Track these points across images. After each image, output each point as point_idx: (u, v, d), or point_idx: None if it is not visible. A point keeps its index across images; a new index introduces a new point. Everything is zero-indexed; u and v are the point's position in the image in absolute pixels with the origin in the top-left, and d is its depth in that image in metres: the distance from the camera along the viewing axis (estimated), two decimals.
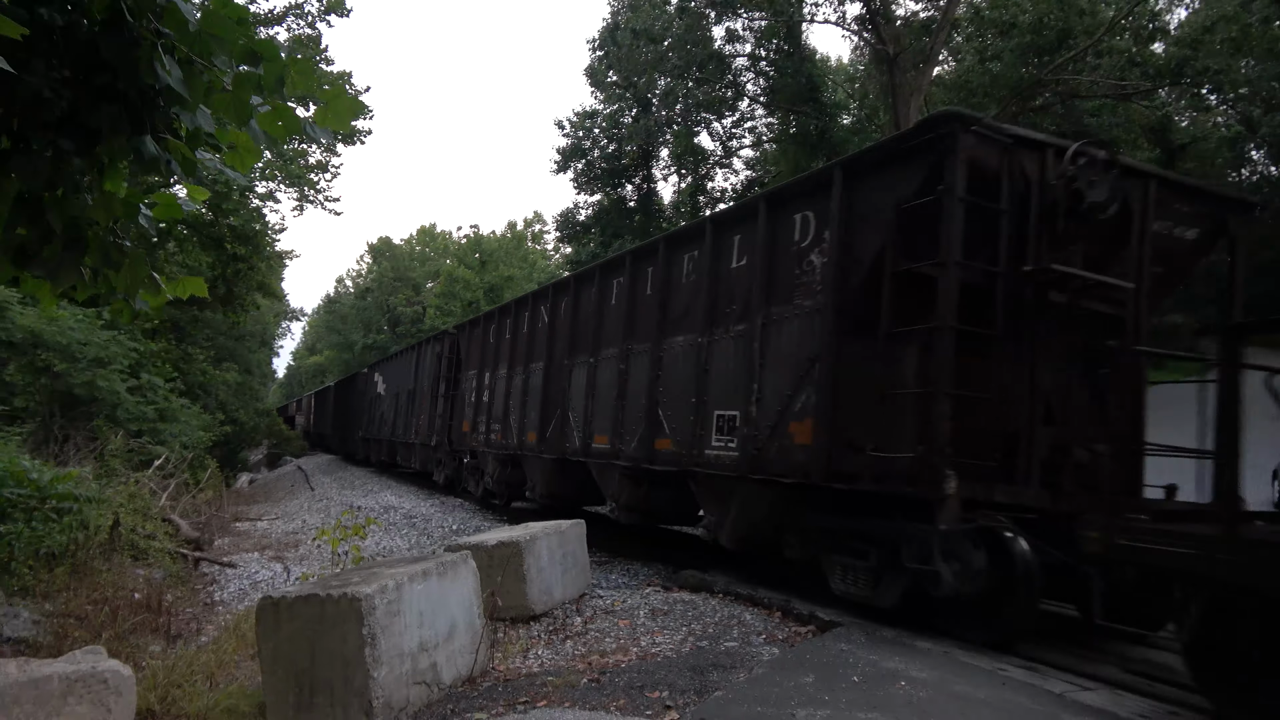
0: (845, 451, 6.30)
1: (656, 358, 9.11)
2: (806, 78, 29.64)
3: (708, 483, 8.03)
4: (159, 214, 4.29)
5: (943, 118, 5.98)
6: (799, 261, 7.14)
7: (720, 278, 8.24)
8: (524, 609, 6.50)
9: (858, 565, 6.28)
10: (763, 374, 7.31)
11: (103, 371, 15.85)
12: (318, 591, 4.33)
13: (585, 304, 11.27)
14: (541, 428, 12.00)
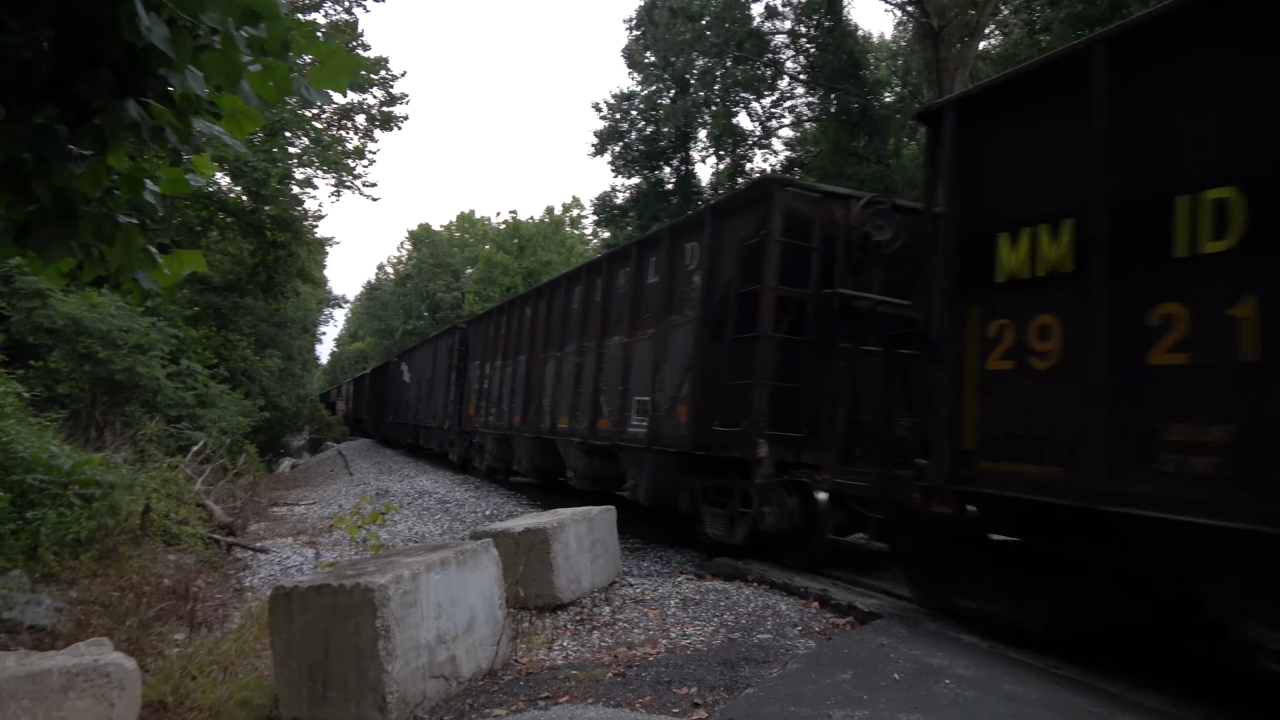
0: (706, 428, 8.24)
1: (600, 354, 11.10)
2: (848, 54, 28.98)
3: (629, 453, 10.08)
4: (166, 189, 4.13)
5: (765, 180, 8.67)
6: (688, 281, 9.10)
7: (641, 290, 10.19)
8: (551, 598, 6.31)
9: (719, 513, 8.33)
10: (663, 368, 9.27)
11: (142, 358, 15.99)
12: (330, 582, 4.16)
13: (556, 307, 13.21)
14: (524, 411, 14.01)
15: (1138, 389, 4.18)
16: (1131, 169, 4.34)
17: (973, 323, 5.20)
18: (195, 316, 23.80)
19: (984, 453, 5.04)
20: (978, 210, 5.30)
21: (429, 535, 11.44)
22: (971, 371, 5.17)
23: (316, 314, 64.17)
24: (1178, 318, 4.04)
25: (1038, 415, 4.72)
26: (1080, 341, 4.49)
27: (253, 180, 21.73)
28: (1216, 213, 3.93)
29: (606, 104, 35.83)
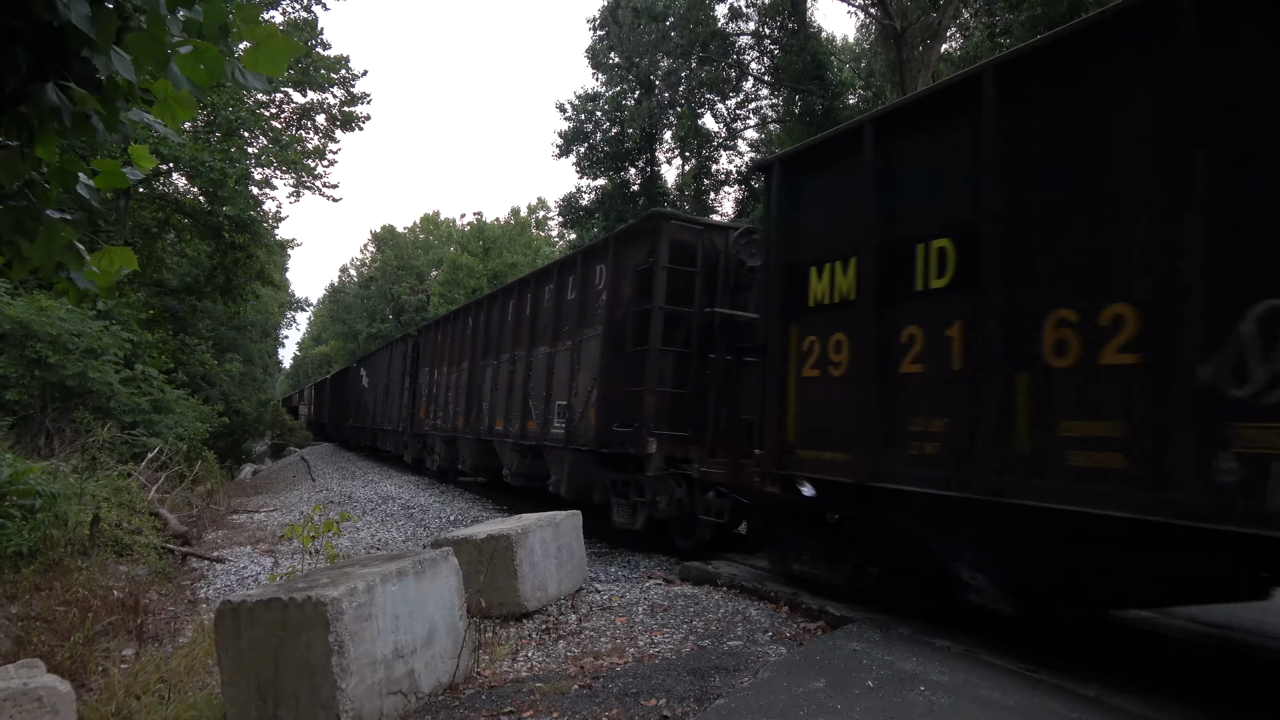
0: (609, 428, 9.42)
1: (529, 362, 12.19)
2: (812, 56, 29.06)
3: (552, 452, 11.19)
4: (102, 183, 3.89)
5: (655, 214, 9.32)
6: (597, 299, 10.17)
7: (562, 306, 11.28)
8: (516, 606, 6.13)
9: (623, 503, 9.43)
10: (578, 376, 10.43)
11: (94, 363, 15.54)
12: (280, 595, 3.95)
13: (494, 318, 14.27)
14: (467, 414, 15.14)
15: (893, 391, 5.39)
16: (889, 222, 5.57)
17: (794, 338, 6.45)
18: (151, 320, 23.22)
19: (800, 443, 6.29)
20: (797, 247, 6.54)
21: (392, 542, 11.19)
22: (792, 378, 6.43)
23: (278, 317, 63.22)
24: (918, 337, 5.27)
25: (834, 413, 5.96)
26: (859, 354, 5.72)
27: (209, 180, 21.23)
28: (939, 258, 5.15)
29: (571, 104, 35.66)
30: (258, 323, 43.39)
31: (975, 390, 4.77)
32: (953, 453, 4.90)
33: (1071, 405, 4.28)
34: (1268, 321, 3.50)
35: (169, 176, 25.09)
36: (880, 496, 5.49)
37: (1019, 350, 4.57)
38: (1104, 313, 4.17)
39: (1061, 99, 4.54)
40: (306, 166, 25.50)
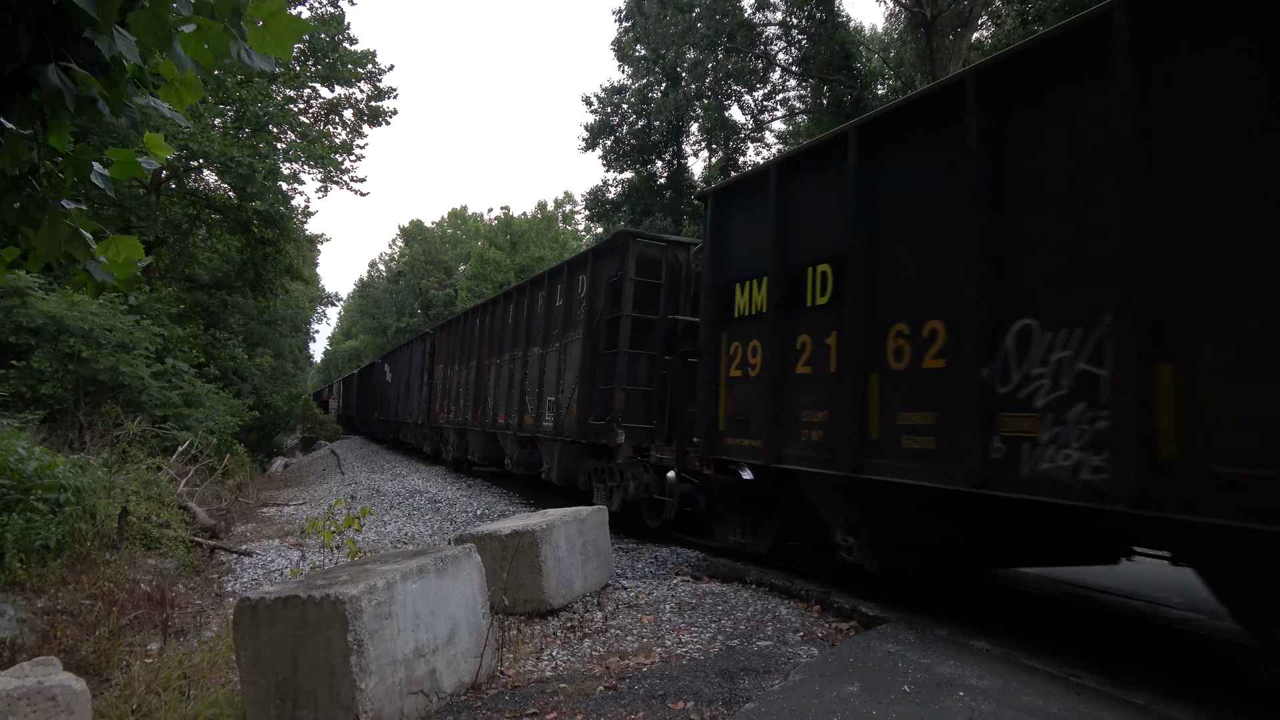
0: (587, 421, 10.59)
1: (525, 361, 13.46)
2: (840, 45, 28.66)
3: (544, 442, 12.39)
4: (117, 173, 3.80)
5: (623, 233, 10.43)
6: (580, 306, 11.35)
7: (552, 311, 12.48)
8: (540, 603, 6.03)
9: (601, 487, 10.62)
10: (564, 375, 11.61)
11: (126, 357, 15.66)
12: (299, 593, 3.87)
13: (498, 320, 15.52)
14: (476, 408, 16.39)
15: (790, 389, 6.59)
16: (789, 248, 6.78)
17: (723, 344, 7.67)
18: (182, 314, 23.42)
19: (728, 432, 7.50)
20: (726, 266, 7.76)
21: (419, 536, 11.15)
22: (722, 377, 7.63)
23: (309, 312, 63.75)
24: (808, 344, 6.45)
25: (752, 406, 7.09)
26: (768, 358, 6.88)
27: (237, 176, 21.34)
28: (823, 279, 6.35)
29: (597, 97, 35.48)
30: (288, 317, 43.75)
31: (844, 387, 5.91)
32: (830, 438, 6.05)
33: (905, 399, 5.42)
34: (1021, 336, 4.63)
35: (199, 173, 25.36)
36: (790, 476, 6.67)
37: (872, 355, 5.72)
38: (926, 327, 5.32)
39: (892, 161, 5.75)
40: (334, 161, 25.59)
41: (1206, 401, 3.69)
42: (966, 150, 5.00)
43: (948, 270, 5.12)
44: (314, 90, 26.90)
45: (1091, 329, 4.23)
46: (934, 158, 5.36)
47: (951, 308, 5.06)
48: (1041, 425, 4.43)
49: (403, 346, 29.26)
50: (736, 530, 7.74)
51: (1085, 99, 4.40)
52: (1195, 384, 3.74)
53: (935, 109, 5.41)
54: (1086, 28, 4.39)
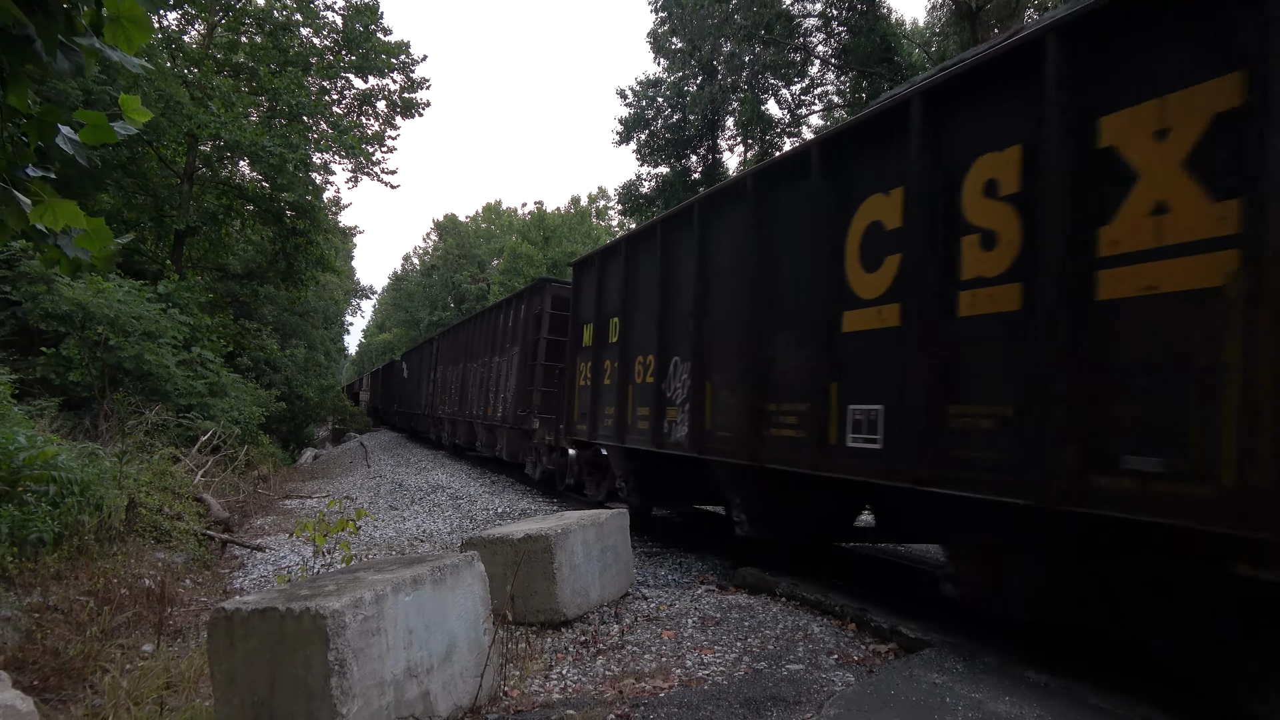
0: (518, 413, 14.47)
1: (490, 366, 17.40)
2: (881, 37, 27.96)
3: (497, 429, 16.46)
4: (88, 137, 3.43)
5: (542, 280, 14.48)
6: (521, 327, 15.19)
7: (506, 329, 16.48)
8: (553, 613, 5.62)
9: (530, 460, 14.55)
10: (509, 378, 15.52)
11: (151, 345, 15.53)
12: (277, 605, 3.48)
13: (476, 331, 19.56)
14: (460, 402, 20.49)
15: (600, 395, 10.06)
16: (601, 304, 10.30)
17: (577, 363, 11.09)
18: (212, 303, 23.38)
19: (577, 422, 10.92)
20: (579, 313, 11.26)
21: (437, 533, 10.81)
22: (575, 385, 11.12)
23: (344, 305, 64.03)
24: (607, 366, 9.89)
25: (585, 405, 10.52)
26: (591, 374, 10.29)
27: (269, 166, 21.20)
28: (614, 327, 9.71)
29: (632, 90, 35.03)
30: (320, 309, 43.83)
31: (619, 394, 9.44)
32: (615, 425, 9.48)
33: (639, 401, 8.94)
34: (675, 366, 8.09)
35: (234, 163, 25.33)
36: (609, 448, 10.10)
37: (628, 375, 9.29)
38: (647, 358, 8.82)
39: (637, 257, 9.41)
40: (365, 152, 25.39)
41: (717, 402, 7.30)
42: (656, 258, 8.68)
43: (653, 327, 8.61)
44: (347, 80, 26.75)
45: (690, 363, 7.75)
46: (649, 258, 8.97)
47: (654, 348, 8.57)
48: (679, 413, 7.95)
49: (417, 347, 33.47)
50: (592, 486, 11.73)
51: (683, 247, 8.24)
52: (715, 393, 7.35)
53: (649, 233, 9.09)
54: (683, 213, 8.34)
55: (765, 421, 6.48)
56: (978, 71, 4.74)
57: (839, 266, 5.74)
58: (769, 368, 6.49)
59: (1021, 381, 4.23)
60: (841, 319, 5.68)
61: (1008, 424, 4.30)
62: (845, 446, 5.50)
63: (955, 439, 4.61)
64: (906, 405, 4.96)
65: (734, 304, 7.10)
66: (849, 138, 5.83)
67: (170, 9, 23.54)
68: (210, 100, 21.79)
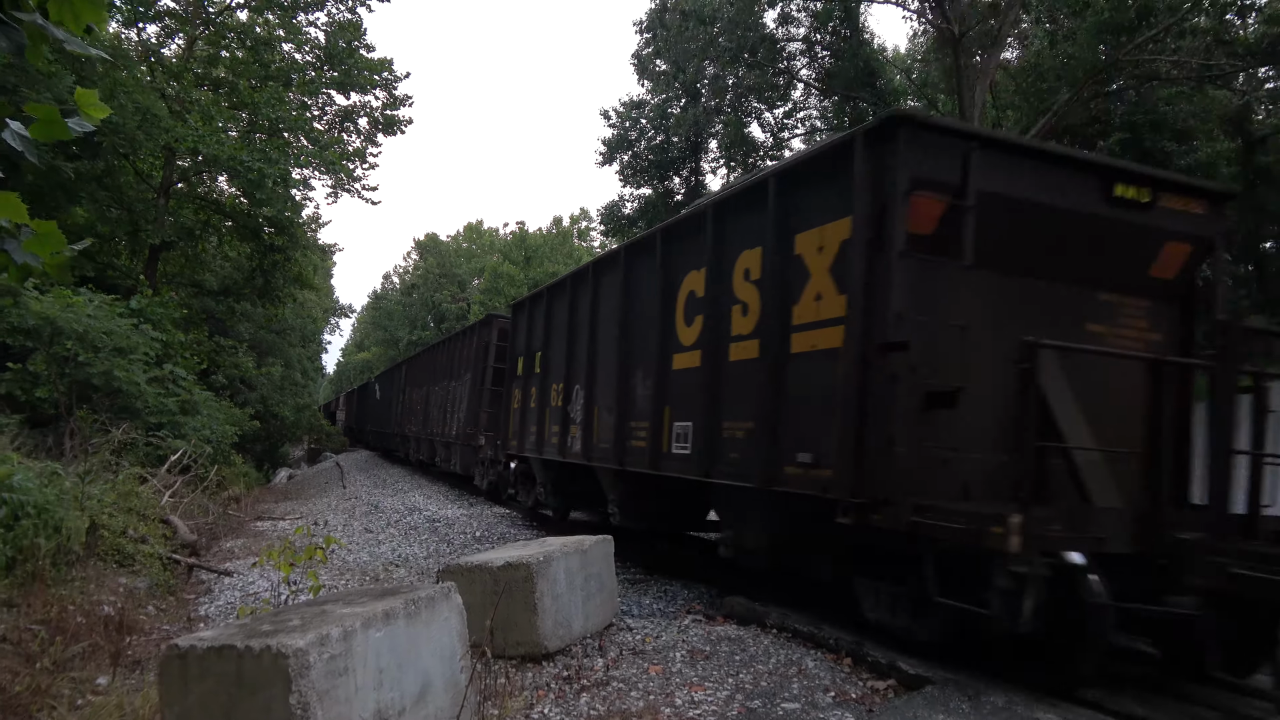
0: (468, 430, 16.84)
1: (447, 389, 19.71)
2: (864, 62, 28.11)
3: (452, 444, 18.54)
4: (39, 133, 3.17)
5: (490, 316, 17.13)
6: (474, 355, 17.10)
7: (463, 354, 18.29)
8: (534, 646, 5.34)
9: (480, 471, 16.42)
10: (462, 401, 17.67)
11: (121, 361, 15.11)
12: (235, 643, 3.20)
13: (438, 357, 21.88)
14: (424, 422, 22.83)
15: (528, 416, 12.32)
16: (531, 340, 12.51)
17: (514, 389, 13.35)
18: (186, 320, 22.94)
19: (511, 438, 13.28)
20: (515, 344, 13.63)
21: (414, 557, 10.49)
22: (510, 406, 13.52)
23: (322, 323, 63.42)
24: (532, 392, 12.20)
25: (518, 423, 12.83)
26: (523, 399, 12.58)
27: (247, 181, 20.88)
28: (538, 360, 11.97)
29: (615, 111, 35.02)
30: (297, 327, 43.30)
31: (539, 415, 11.65)
32: (536, 440, 11.71)
33: (551, 420, 11.11)
34: (577, 392, 10.18)
35: (213, 178, 24.94)
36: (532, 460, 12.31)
37: (545, 399, 11.47)
38: (558, 385, 10.87)
39: (551, 307, 11.72)
40: (345, 168, 25.11)
41: (600, 421, 9.38)
42: (566, 305, 10.89)
43: (563, 362, 10.76)
44: (329, 97, 26.51)
45: (585, 390, 9.88)
46: (561, 306, 11.19)
47: (564, 378, 10.64)
48: (578, 430, 9.98)
49: (389, 370, 36.46)
50: (523, 494, 13.49)
51: (583, 299, 10.36)
52: (600, 414, 9.41)
53: (562, 285, 11.45)
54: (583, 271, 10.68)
55: (628, 435, 8.65)
56: (740, 194, 7.12)
57: (671, 321, 7.97)
58: (631, 395, 8.70)
59: (756, 406, 6.30)
60: (672, 360, 7.91)
61: (750, 434, 6.42)
62: (671, 453, 7.67)
63: (726, 445, 6.78)
64: (703, 422, 7.06)
65: (612, 346, 9.25)
66: (677, 228, 8.29)
67: (150, 21, 23.30)
68: (189, 114, 21.46)
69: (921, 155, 5.28)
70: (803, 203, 6.07)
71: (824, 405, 5.48)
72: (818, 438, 5.54)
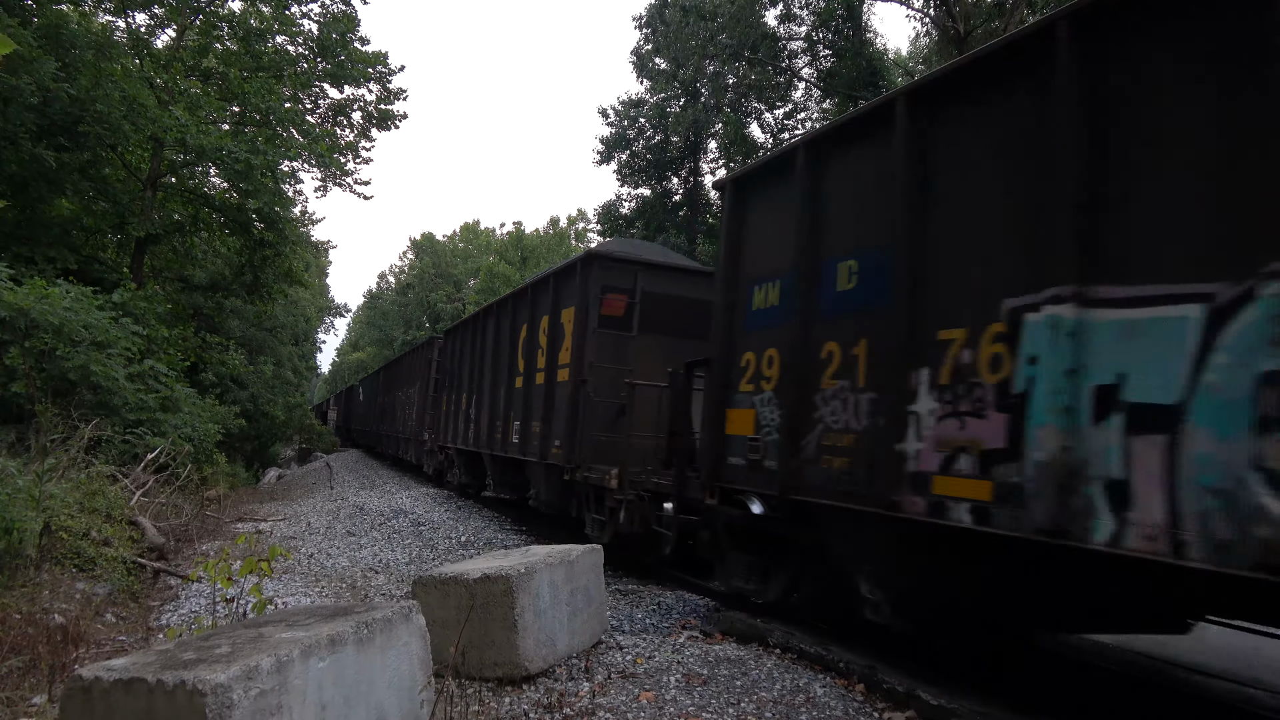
0: (416, 427, 21.66)
1: (408, 394, 23.66)
2: (867, 62, 27.66)
3: (410, 441, 22.70)
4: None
5: (430, 339, 22.46)
6: (423, 367, 21.21)
7: (416, 367, 22.47)
8: (514, 667, 4.82)
9: (428, 460, 19.85)
10: (416, 404, 21.88)
11: (98, 355, 14.56)
12: (146, 676, 2.69)
13: (401, 367, 26.48)
14: (392, 422, 26.77)
15: (452, 415, 16.90)
16: (453, 359, 17.57)
17: (445, 395, 17.99)
18: (172, 315, 22.39)
19: (441, 433, 17.82)
20: (444, 361, 18.66)
21: (395, 563, 9.97)
22: (442, 409, 18.30)
23: (316, 322, 62.81)
24: (457, 399, 16.52)
25: (447, 422, 17.34)
26: (449, 403, 17.33)
27: (234, 172, 20.35)
28: (457, 374, 17.00)
29: (614, 110, 34.53)
30: (289, 325, 42.73)
31: (457, 415, 15.70)
32: (453, 434, 16.12)
33: (463, 423, 15.49)
34: (474, 399, 14.77)
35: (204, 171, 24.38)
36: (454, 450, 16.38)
37: (459, 404, 15.89)
38: (465, 395, 15.47)
39: (466, 332, 16.15)
40: (336, 161, 24.58)
41: (483, 420, 14.15)
42: (471, 335, 15.53)
43: (467, 377, 14.97)
44: (321, 89, 25.99)
45: (477, 398, 14.48)
46: (473, 334, 15.09)
47: (468, 389, 14.96)
48: (474, 426, 14.62)
49: (370, 375, 39.96)
50: (451, 477, 16.75)
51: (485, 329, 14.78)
52: (482, 415, 14.15)
53: (473, 319, 15.32)
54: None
55: (495, 431, 13.16)
56: (545, 278, 11.59)
57: (515, 355, 12.46)
58: (496, 403, 13.29)
59: (541, 413, 10.84)
60: (515, 381, 12.33)
61: (540, 430, 10.64)
62: (511, 442, 12.18)
63: (532, 438, 11.01)
64: (521, 423, 11.55)
65: (489, 369, 13.99)
66: (519, 294, 13.00)
67: (138, 9, 22.77)
68: (175, 104, 20.92)
69: (608, 274, 10.08)
70: (564, 292, 10.70)
71: (566, 414, 10.07)
72: (561, 432, 10.15)
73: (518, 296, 12.85)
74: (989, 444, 3.93)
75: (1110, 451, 3.40)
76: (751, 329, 6.23)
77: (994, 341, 4.00)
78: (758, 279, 6.26)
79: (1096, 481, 3.43)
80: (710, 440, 6.68)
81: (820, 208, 5.57)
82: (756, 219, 6.42)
